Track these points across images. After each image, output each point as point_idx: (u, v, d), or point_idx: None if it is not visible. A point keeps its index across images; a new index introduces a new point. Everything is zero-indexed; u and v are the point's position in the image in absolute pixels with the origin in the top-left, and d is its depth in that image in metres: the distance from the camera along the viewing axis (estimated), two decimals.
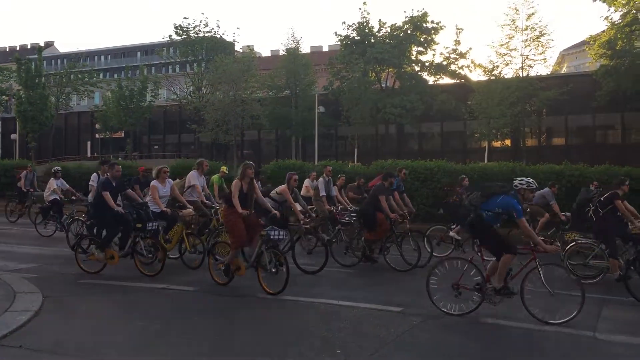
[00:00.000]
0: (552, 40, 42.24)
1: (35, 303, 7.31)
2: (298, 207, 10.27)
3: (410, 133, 45.01)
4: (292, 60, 44.46)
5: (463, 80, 40.67)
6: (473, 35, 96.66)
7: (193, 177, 11.26)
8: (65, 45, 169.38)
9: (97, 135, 57.46)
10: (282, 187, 10.48)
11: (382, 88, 41.63)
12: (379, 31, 41.12)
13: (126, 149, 52.24)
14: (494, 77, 35.99)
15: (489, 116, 34.81)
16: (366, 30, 40.94)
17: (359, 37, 41.11)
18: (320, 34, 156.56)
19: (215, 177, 13.18)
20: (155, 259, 9.58)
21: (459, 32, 40.19)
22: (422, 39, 40.48)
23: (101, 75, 64.86)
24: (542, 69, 38.67)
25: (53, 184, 14.70)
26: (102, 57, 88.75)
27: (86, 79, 52.19)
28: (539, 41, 35.50)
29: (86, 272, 9.51)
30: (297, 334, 6.23)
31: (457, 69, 40.64)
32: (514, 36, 35.48)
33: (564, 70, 61.15)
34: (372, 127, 42.75)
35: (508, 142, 39.45)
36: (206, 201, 11.28)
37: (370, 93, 39.47)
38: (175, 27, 47.30)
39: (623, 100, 36.40)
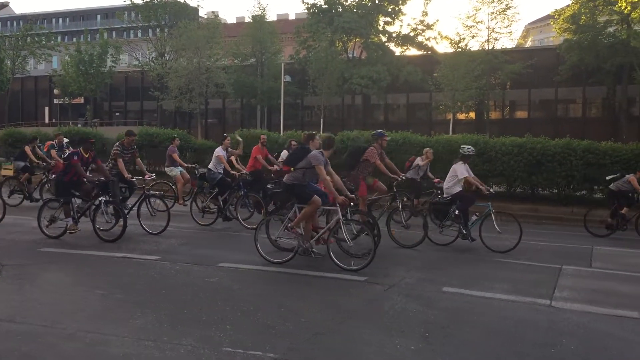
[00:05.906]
0: (518, 13, 42.89)
1: None
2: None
3: (376, 104, 45.11)
4: (258, 28, 43.79)
5: (429, 52, 40.85)
6: (440, 6, 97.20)
7: None
8: (21, 6, 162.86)
9: (55, 101, 55.83)
10: None
11: (348, 58, 41.45)
12: (346, 0, 40.72)
13: (86, 116, 50.97)
14: (460, 50, 36.25)
15: (454, 88, 35.14)
16: None
17: (326, 6, 40.69)
18: (287, 1, 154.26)
19: None
20: None
21: (427, 3, 40.22)
22: (389, 9, 40.32)
23: (59, 39, 62.55)
24: (507, 42, 39.16)
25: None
26: (60, 20, 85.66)
27: (43, 42, 50.46)
28: (505, 14, 35.89)
29: None
30: (259, 302, 6.21)
31: (423, 40, 40.76)
32: (480, 8, 35.79)
33: (528, 43, 61.91)
34: (338, 97, 42.71)
35: (472, 114, 40.00)
36: None
37: (337, 63, 39.30)
38: None
39: (585, 75, 37.17)
